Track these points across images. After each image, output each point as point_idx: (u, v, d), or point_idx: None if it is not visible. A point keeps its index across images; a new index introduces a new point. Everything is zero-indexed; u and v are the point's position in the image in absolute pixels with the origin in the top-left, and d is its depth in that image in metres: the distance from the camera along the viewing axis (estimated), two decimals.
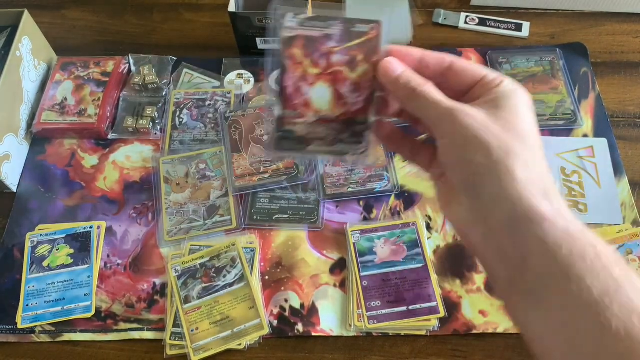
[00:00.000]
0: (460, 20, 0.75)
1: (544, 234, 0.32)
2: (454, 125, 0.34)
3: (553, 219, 0.32)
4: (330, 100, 0.37)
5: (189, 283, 0.55)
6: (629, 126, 0.65)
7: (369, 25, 0.38)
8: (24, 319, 0.54)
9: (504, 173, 0.33)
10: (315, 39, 0.37)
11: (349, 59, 0.37)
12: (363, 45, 0.37)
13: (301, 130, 0.38)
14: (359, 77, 0.37)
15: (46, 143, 0.66)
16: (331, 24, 0.37)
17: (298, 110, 0.37)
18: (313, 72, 0.37)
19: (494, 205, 0.33)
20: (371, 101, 0.37)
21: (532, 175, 0.34)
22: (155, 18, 0.79)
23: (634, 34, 0.73)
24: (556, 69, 0.68)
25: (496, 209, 0.33)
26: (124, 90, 0.69)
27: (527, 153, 0.34)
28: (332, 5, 0.75)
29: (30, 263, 0.57)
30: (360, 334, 0.53)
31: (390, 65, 0.37)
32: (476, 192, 0.34)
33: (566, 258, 0.31)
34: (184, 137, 0.65)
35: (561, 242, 0.32)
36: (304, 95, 0.37)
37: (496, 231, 0.34)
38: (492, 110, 0.35)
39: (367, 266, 0.55)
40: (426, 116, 0.36)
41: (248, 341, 0.52)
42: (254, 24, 0.68)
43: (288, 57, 0.37)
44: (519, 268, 0.33)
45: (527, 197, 0.33)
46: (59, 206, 0.61)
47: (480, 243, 0.36)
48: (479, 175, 0.34)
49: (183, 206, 0.60)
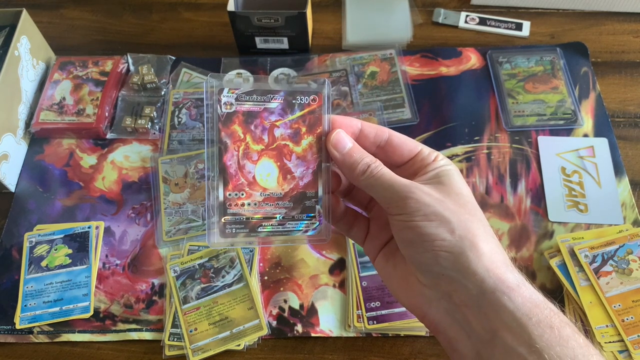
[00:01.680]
0: (461, 20, 0.74)
1: (514, 305, 0.32)
2: (412, 203, 0.34)
3: (518, 289, 0.33)
4: (277, 176, 0.35)
5: (188, 283, 0.54)
6: (629, 126, 0.65)
7: (311, 96, 0.35)
8: (22, 320, 0.54)
9: (470, 248, 0.33)
10: (256, 114, 0.35)
11: (292, 132, 0.35)
12: (305, 117, 0.35)
13: (248, 212, 0.35)
14: (304, 150, 0.35)
15: (44, 143, 0.66)
16: (271, 97, 0.35)
17: (243, 190, 0.35)
18: (256, 149, 0.35)
19: (462, 281, 0.33)
20: (319, 174, 0.36)
21: (493, 249, 0.34)
22: (154, 17, 0.78)
23: (634, 34, 0.72)
24: (556, 68, 0.68)
25: (463, 285, 0.33)
26: (122, 89, 0.69)
27: (482, 227, 0.35)
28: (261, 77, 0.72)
29: (28, 263, 0.57)
30: (360, 335, 0.52)
31: (341, 138, 0.36)
32: (440, 268, 0.34)
33: (535, 328, 0.31)
34: (182, 137, 0.65)
35: (529, 313, 0.32)
36: (248, 174, 0.35)
37: (462, 306, 0.34)
38: (439, 187, 0.35)
39: (367, 266, 0.55)
40: (380, 194, 0.36)
41: (247, 342, 0.52)
42: (253, 24, 0.68)
43: (228, 135, 0.35)
44: (488, 343, 0.32)
45: (494, 270, 0.33)
46: (57, 206, 0.61)
47: (443, 320, 0.35)
48: (444, 252, 0.33)
49: (182, 206, 0.60)
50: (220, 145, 0.34)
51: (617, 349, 0.48)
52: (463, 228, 0.33)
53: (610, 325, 0.49)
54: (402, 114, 0.65)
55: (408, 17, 0.74)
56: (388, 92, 0.67)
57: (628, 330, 0.49)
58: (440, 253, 0.33)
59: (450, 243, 0.33)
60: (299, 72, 0.70)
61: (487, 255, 0.33)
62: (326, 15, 0.77)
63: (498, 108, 0.66)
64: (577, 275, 0.52)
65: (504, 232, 0.57)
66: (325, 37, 0.74)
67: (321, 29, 0.75)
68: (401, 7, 0.75)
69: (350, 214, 0.42)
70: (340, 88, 0.68)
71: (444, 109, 0.66)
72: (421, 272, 0.35)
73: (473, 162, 0.62)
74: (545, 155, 0.62)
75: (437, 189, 0.35)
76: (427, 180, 0.36)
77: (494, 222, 0.58)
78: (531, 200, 0.59)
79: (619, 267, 0.52)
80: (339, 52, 0.72)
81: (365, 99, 0.67)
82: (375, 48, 0.71)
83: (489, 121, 0.65)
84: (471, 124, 0.65)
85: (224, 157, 0.35)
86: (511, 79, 0.67)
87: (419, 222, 0.34)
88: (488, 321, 0.32)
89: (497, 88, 0.67)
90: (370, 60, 0.70)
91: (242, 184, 0.35)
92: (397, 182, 0.35)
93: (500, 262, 0.34)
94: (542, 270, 0.55)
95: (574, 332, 0.32)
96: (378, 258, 0.40)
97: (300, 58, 0.71)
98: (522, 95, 0.66)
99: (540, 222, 0.58)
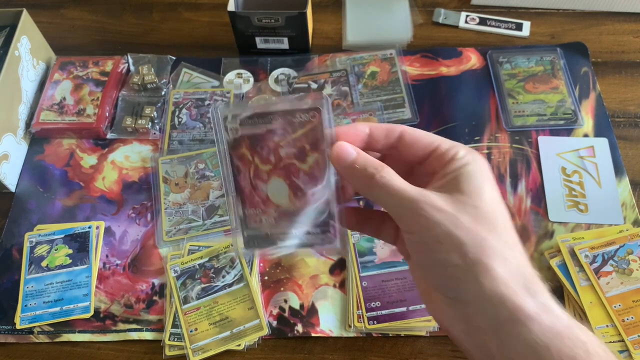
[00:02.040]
0: (461, 20, 0.74)
1: (531, 336, 0.30)
2: (421, 221, 0.31)
3: (538, 317, 0.30)
4: (288, 193, 0.36)
5: (188, 283, 0.54)
6: (629, 126, 0.65)
7: (309, 113, 0.35)
8: (23, 320, 0.54)
9: (483, 273, 0.31)
10: (260, 136, 0.36)
11: (297, 151, 0.36)
12: (307, 134, 0.35)
13: (266, 228, 0.37)
14: (310, 166, 0.36)
15: (45, 143, 0.66)
16: (271, 118, 0.35)
17: (259, 208, 0.37)
18: (265, 169, 0.36)
19: (476, 308, 0.31)
20: (329, 188, 0.36)
21: (511, 270, 0.31)
22: (154, 17, 0.78)
23: (634, 34, 0.72)
24: (557, 68, 0.68)
25: (478, 311, 0.31)
26: (122, 89, 0.69)
27: (502, 245, 0.32)
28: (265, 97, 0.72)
29: (28, 263, 0.57)
30: (360, 335, 0.52)
31: (342, 151, 0.34)
32: (455, 293, 0.32)
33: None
34: (183, 137, 0.65)
35: (549, 344, 0.30)
36: (261, 192, 0.37)
37: (480, 331, 0.32)
38: (456, 196, 0.32)
39: (367, 266, 0.55)
40: (388, 206, 0.34)
41: (247, 342, 0.52)
42: (253, 24, 0.68)
43: (238, 158, 0.36)
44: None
45: (510, 296, 0.31)
46: (58, 206, 0.61)
47: (463, 340, 0.34)
48: (455, 278, 0.31)
49: (182, 206, 0.60)
50: (233, 168, 0.36)
51: (617, 349, 0.48)
52: (476, 250, 0.31)
53: (611, 325, 0.49)
54: (402, 114, 0.65)
55: (408, 17, 0.75)
56: (388, 92, 0.67)
57: (628, 330, 0.49)
58: (451, 280, 0.31)
59: (462, 269, 0.31)
60: (299, 72, 0.70)
61: (502, 279, 0.31)
62: (326, 15, 0.77)
63: (498, 108, 0.66)
64: (577, 275, 0.52)
65: None
66: (326, 37, 0.74)
67: (321, 29, 0.75)
68: (401, 7, 0.75)
69: (377, 217, 0.39)
70: (340, 88, 0.68)
71: (444, 109, 0.66)
72: (437, 292, 0.34)
73: None
74: (546, 155, 0.62)
75: (452, 200, 0.32)
76: (443, 186, 0.33)
77: None
78: (531, 200, 0.59)
79: (619, 267, 0.52)
80: (339, 52, 0.72)
81: (366, 99, 0.67)
82: (376, 48, 0.71)
83: (489, 121, 0.65)
84: (471, 124, 0.65)
85: (239, 178, 0.37)
86: (511, 79, 0.67)
87: (429, 246, 0.32)
88: (506, 349, 0.31)
89: (498, 88, 0.67)
90: (370, 61, 0.70)
91: (258, 202, 0.37)
92: (406, 195, 0.32)
93: (518, 286, 0.31)
94: (543, 270, 0.55)
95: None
96: (410, 261, 0.38)
97: (301, 58, 0.71)
98: (522, 95, 0.66)
99: (540, 222, 0.58)
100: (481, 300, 0.31)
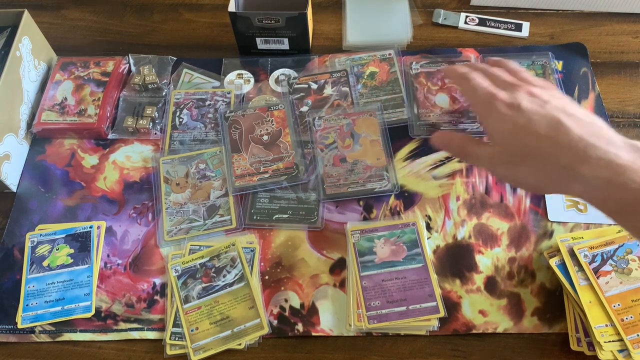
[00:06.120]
0: (460, 20, 0.75)
1: None
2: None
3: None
4: (448, 101, 0.66)
5: (189, 283, 0.55)
6: (629, 126, 0.65)
7: (465, 62, 0.68)
8: (24, 319, 0.54)
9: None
10: (431, 73, 0.68)
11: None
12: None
13: (433, 119, 0.65)
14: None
15: (46, 143, 0.66)
16: (437, 61, 0.69)
17: (429, 109, 0.65)
18: (434, 88, 0.67)
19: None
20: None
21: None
22: (155, 18, 0.79)
23: (633, 34, 0.73)
24: (548, 72, 0.68)
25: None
26: (124, 90, 0.70)
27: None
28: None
29: (30, 263, 0.57)
30: (360, 334, 0.53)
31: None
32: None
33: None
34: (184, 137, 0.65)
35: None
36: (430, 100, 0.66)
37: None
38: None
39: (367, 266, 0.55)
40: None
41: (248, 341, 0.52)
42: (253, 24, 0.68)
43: (417, 84, 0.67)
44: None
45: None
46: (59, 206, 0.61)
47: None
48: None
49: (183, 206, 0.60)
50: (414, 88, 0.67)
51: (616, 348, 0.48)
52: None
53: (610, 324, 0.49)
54: (401, 114, 0.66)
55: (408, 18, 0.75)
56: (387, 92, 0.67)
57: (627, 329, 0.49)
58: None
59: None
60: (300, 73, 0.70)
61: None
62: (326, 16, 0.77)
63: None
64: (576, 274, 0.52)
65: (504, 231, 0.57)
66: (326, 37, 0.75)
67: (321, 30, 0.75)
68: (401, 8, 0.76)
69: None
70: (340, 89, 0.68)
71: None
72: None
73: None
74: None
75: None
76: None
77: (493, 221, 0.58)
78: (531, 200, 0.59)
79: (618, 266, 0.52)
80: (340, 52, 0.72)
81: (365, 99, 0.67)
82: (376, 49, 0.71)
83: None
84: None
85: (416, 94, 0.66)
86: None
87: None
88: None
89: None
90: (369, 61, 0.70)
91: (428, 105, 0.66)
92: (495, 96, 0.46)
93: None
94: (542, 270, 0.55)
95: None
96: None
97: (301, 59, 0.72)
98: None
99: (539, 221, 0.58)
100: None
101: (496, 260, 0.56)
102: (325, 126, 0.65)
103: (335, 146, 0.63)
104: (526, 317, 0.53)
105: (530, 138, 0.41)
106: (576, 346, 0.50)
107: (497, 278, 0.55)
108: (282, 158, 0.62)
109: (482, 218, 0.58)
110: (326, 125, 0.65)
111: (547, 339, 0.52)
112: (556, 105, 0.42)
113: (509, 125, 0.42)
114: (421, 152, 0.63)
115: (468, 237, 0.57)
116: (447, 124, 0.64)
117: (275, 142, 0.64)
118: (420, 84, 0.67)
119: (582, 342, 0.50)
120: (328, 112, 0.66)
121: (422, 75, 0.68)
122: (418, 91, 0.66)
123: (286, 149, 0.63)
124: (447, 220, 0.58)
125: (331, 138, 0.64)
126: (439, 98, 0.66)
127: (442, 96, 0.66)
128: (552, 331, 0.52)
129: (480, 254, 0.56)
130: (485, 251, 0.56)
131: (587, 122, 0.41)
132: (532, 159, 0.41)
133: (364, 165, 0.62)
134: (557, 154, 0.40)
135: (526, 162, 0.42)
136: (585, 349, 0.49)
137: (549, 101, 0.43)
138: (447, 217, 0.59)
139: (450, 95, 0.66)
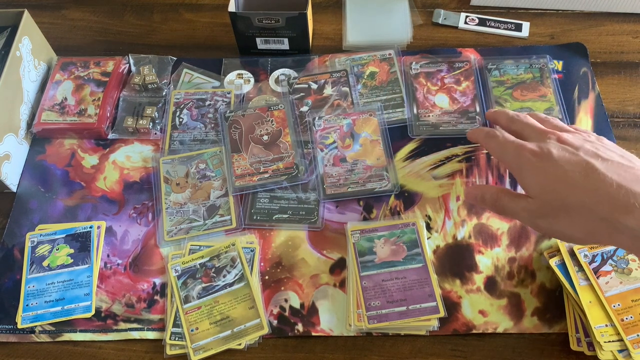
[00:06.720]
0: (460, 21, 0.75)
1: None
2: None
3: None
4: (448, 101, 0.66)
5: (189, 283, 0.55)
6: (628, 126, 0.65)
7: (464, 63, 0.69)
8: (24, 319, 0.54)
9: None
10: (431, 73, 0.68)
11: (454, 81, 0.67)
12: (462, 73, 0.68)
13: (432, 119, 0.64)
14: (463, 89, 0.66)
15: (46, 143, 0.66)
16: (436, 61, 0.70)
17: (428, 109, 0.65)
18: (433, 89, 0.67)
19: None
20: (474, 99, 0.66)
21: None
22: (155, 18, 0.79)
23: (633, 34, 0.73)
24: (545, 76, 0.68)
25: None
26: (124, 90, 0.70)
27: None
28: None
29: (30, 263, 0.57)
30: (360, 334, 0.53)
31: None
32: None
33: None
34: (184, 137, 0.65)
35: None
36: (429, 100, 0.66)
37: None
38: None
39: (367, 266, 0.55)
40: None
41: (248, 341, 0.52)
42: (253, 24, 0.68)
43: (417, 84, 0.67)
44: None
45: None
46: (59, 206, 0.61)
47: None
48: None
49: (183, 206, 0.60)
50: (413, 88, 0.67)
51: (616, 348, 0.48)
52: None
53: (610, 324, 0.49)
54: (401, 114, 0.66)
55: (408, 18, 0.75)
56: (387, 92, 0.67)
57: (627, 329, 0.49)
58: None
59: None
60: (300, 73, 0.70)
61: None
62: (326, 16, 0.77)
63: None
64: (576, 274, 0.52)
65: (504, 231, 0.57)
66: (326, 37, 0.75)
67: (321, 30, 0.75)
68: (401, 8, 0.76)
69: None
70: (340, 89, 0.68)
71: None
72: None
73: (473, 162, 0.62)
74: None
75: None
76: None
77: (493, 221, 0.58)
78: None
79: (618, 266, 0.52)
80: (340, 52, 0.72)
81: (365, 99, 0.67)
82: (376, 49, 0.71)
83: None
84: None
85: (416, 93, 0.66)
86: (499, 86, 0.67)
87: None
88: None
89: (485, 95, 0.67)
90: (369, 61, 0.70)
91: (428, 105, 0.66)
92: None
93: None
94: (542, 270, 0.55)
95: None
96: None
97: (301, 59, 0.72)
98: (510, 103, 0.66)
99: None
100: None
101: (496, 260, 0.56)
102: (325, 126, 0.65)
103: (335, 146, 0.63)
104: (526, 317, 0.53)
105: (563, 189, 0.39)
106: (576, 346, 0.50)
107: (497, 278, 0.55)
108: (282, 158, 0.62)
109: (482, 218, 0.58)
110: (326, 125, 0.65)
111: (547, 339, 0.52)
112: (589, 150, 0.39)
113: (540, 177, 0.40)
114: (421, 152, 0.63)
115: (468, 237, 0.57)
116: (446, 124, 0.64)
117: (275, 142, 0.64)
118: (420, 84, 0.67)
119: (582, 342, 0.50)
120: (328, 112, 0.66)
121: (422, 75, 0.68)
122: (418, 91, 0.66)
123: (286, 149, 0.63)
124: (447, 220, 0.58)
125: (331, 138, 0.64)
126: (439, 98, 0.66)
127: (442, 96, 0.66)
128: (552, 331, 0.52)
129: (480, 254, 0.56)
130: (485, 251, 0.57)
131: (626, 165, 0.38)
132: (569, 211, 0.38)
133: (364, 165, 0.62)
134: (594, 205, 0.37)
135: (564, 215, 0.39)
136: (585, 349, 0.49)
137: (582, 146, 0.40)
138: (447, 217, 0.59)
139: (450, 95, 0.66)
